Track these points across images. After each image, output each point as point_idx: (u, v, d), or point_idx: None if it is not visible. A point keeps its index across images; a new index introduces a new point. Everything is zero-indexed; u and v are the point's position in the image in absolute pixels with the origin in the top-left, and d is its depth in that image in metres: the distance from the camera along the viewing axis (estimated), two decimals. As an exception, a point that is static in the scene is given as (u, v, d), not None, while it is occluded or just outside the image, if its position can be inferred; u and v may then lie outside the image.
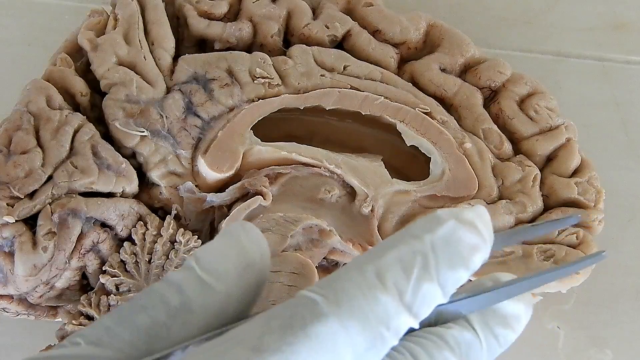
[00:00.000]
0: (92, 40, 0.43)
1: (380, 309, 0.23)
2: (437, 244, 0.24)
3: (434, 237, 0.24)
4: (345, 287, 0.23)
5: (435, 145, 0.44)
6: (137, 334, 0.24)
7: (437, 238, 0.24)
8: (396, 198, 0.42)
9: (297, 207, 0.41)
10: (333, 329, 0.22)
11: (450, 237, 0.24)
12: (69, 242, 0.38)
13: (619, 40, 0.56)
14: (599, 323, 0.46)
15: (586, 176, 0.44)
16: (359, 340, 0.23)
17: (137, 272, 0.39)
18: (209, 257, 0.25)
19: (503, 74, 0.46)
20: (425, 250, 0.23)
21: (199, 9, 0.45)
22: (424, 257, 0.23)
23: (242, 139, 0.42)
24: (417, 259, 0.23)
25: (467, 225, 0.24)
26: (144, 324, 0.24)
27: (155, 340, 0.24)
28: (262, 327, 0.23)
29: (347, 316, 0.23)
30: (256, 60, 0.44)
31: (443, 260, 0.23)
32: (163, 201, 0.42)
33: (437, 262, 0.23)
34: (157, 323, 0.24)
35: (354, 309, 0.23)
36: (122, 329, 0.24)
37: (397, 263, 0.23)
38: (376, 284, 0.23)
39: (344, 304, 0.23)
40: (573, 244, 0.41)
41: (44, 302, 0.40)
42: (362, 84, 0.45)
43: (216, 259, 0.25)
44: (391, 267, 0.23)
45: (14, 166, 0.38)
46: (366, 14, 0.47)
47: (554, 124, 0.45)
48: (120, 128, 0.41)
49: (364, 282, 0.23)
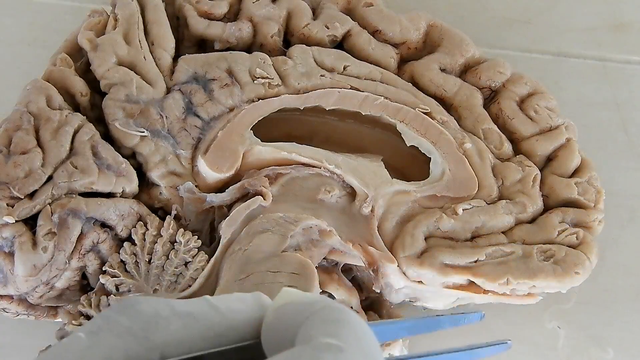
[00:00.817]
0: (92, 40, 0.43)
1: None
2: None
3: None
4: (359, 336, 0.24)
5: (435, 146, 0.44)
6: (136, 320, 0.24)
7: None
8: (396, 198, 0.42)
9: (297, 207, 0.41)
10: None
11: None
12: (69, 243, 0.38)
13: (619, 40, 0.56)
14: (599, 323, 0.46)
15: (586, 176, 0.44)
16: None
17: (137, 273, 0.39)
18: (224, 296, 0.26)
19: (503, 74, 0.46)
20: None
21: (199, 9, 0.45)
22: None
23: (242, 139, 0.42)
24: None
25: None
26: (144, 311, 0.24)
27: (153, 329, 0.24)
28: None
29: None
30: (256, 60, 0.44)
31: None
32: (163, 201, 0.42)
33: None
34: (159, 315, 0.24)
35: (377, 356, 0.24)
36: (123, 316, 0.24)
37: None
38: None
39: (368, 350, 0.23)
40: (573, 244, 0.41)
41: (44, 302, 0.40)
42: (362, 84, 0.45)
43: (230, 297, 0.26)
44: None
45: (14, 166, 0.38)
46: (366, 14, 0.47)
47: (554, 124, 0.45)
48: (120, 128, 0.41)
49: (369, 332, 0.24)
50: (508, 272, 0.40)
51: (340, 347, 0.23)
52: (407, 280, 0.41)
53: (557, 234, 0.42)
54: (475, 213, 0.42)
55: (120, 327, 0.23)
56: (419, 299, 0.43)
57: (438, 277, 0.40)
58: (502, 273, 0.40)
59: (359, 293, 0.42)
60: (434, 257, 0.40)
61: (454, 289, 0.41)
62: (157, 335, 0.24)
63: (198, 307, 0.25)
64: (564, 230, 0.42)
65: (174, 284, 0.39)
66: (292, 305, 0.26)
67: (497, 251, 0.41)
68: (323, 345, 0.23)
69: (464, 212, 0.42)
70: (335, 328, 0.24)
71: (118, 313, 0.24)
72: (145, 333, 0.23)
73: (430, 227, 0.41)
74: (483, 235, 0.42)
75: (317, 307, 0.25)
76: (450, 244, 0.41)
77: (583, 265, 0.41)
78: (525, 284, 0.40)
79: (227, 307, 0.25)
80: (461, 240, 0.42)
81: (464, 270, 0.40)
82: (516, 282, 0.40)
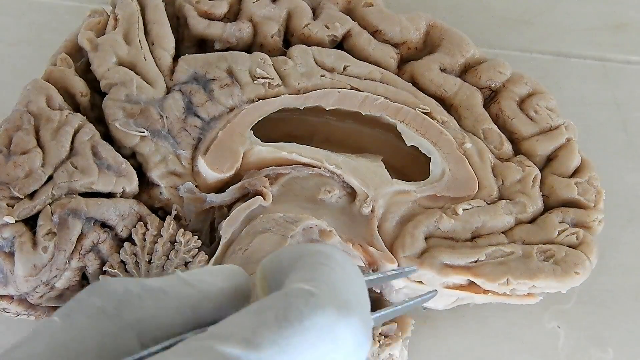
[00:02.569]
0: (92, 40, 0.43)
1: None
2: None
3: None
4: (333, 279, 0.23)
5: (436, 146, 0.44)
6: (108, 299, 0.23)
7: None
8: (396, 198, 0.42)
9: (297, 208, 0.41)
10: (332, 319, 0.22)
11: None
12: (69, 243, 0.38)
13: (619, 40, 0.56)
14: (599, 323, 0.46)
15: (586, 176, 0.44)
16: (359, 328, 0.23)
17: (137, 273, 0.39)
18: (194, 271, 0.26)
19: (503, 74, 0.46)
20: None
21: (199, 9, 0.45)
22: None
23: (243, 139, 0.42)
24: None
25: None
26: (115, 290, 0.24)
27: (125, 306, 0.23)
28: (254, 320, 0.22)
29: (344, 306, 0.23)
30: (256, 60, 0.44)
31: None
32: (163, 201, 0.42)
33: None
34: (130, 292, 0.24)
35: (351, 299, 0.23)
36: (94, 297, 0.23)
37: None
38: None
39: (340, 294, 0.23)
40: (573, 244, 0.41)
41: (44, 302, 0.40)
42: (362, 84, 0.45)
43: (200, 271, 0.26)
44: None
45: (14, 166, 0.38)
46: (366, 14, 0.47)
47: (554, 124, 0.45)
48: (120, 128, 0.41)
49: (351, 276, 0.24)
50: (508, 272, 0.40)
51: (311, 291, 0.23)
52: (407, 280, 0.41)
53: (557, 234, 0.42)
54: (475, 213, 0.42)
55: (92, 308, 0.23)
56: (419, 299, 0.43)
57: (438, 277, 0.40)
58: (502, 273, 0.40)
59: (359, 293, 0.42)
60: (433, 257, 0.40)
61: (454, 289, 0.41)
62: (130, 312, 0.23)
63: (169, 282, 0.24)
64: (564, 230, 0.42)
65: (174, 284, 0.39)
66: (286, 252, 0.26)
67: (497, 251, 0.41)
68: (295, 290, 0.23)
69: (464, 212, 0.42)
70: (312, 273, 0.24)
71: (89, 294, 0.24)
72: (117, 311, 0.23)
73: (430, 227, 0.41)
74: (483, 236, 0.42)
75: (306, 252, 0.25)
76: (450, 244, 0.41)
77: (583, 265, 0.41)
78: (525, 284, 0.40)
79: (199, 279, 0.25)
80: (461, 240, 0.42)
81: (464, 271, 0.40)
82: (516, 282, 0.40)
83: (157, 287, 0.24)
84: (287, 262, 0.25)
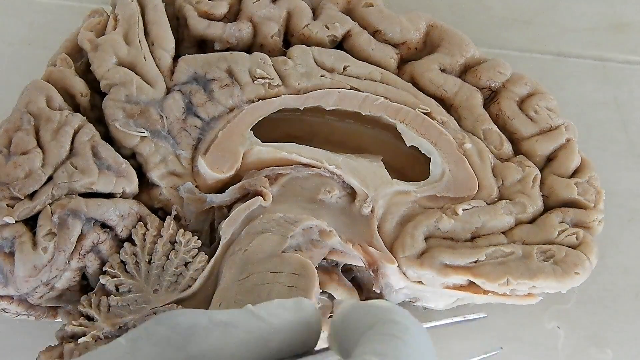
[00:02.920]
0: (92, 41, 0.43)
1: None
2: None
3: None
4: (405, 356, 0.24)
5: (435, 146, 0.44)
6: (175, 330, 0.24)
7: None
8: (396, 198, 0.42)
9: (297, 208, 0.41)
10: None
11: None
12: (69, 243, 0.38)
13: (619, 40, 0.56)
14: (599, 323, 0.46)
15: (586, 176, 0.44)
16: None
17: (137, 273, 0.39)
18: (265, 304, 0.26)
19: (503, 74, 0.46)
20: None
21: (199, 10, 0.45)
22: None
23: (242, 140, 0.42)
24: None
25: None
26: (183, 322, 0.24)
27: (191, 338, 0.24)
28: None
29: None
30: (256, 60, 0.44)
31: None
32: (163, 202, 0.42)
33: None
34: (199, 325, 0.24)
35: None
36: (162, 326, 0.24)
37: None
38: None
39: None
40: (573, 245, 0.41)
41: (44, 302, 0.40)
42: (362, 85, 0.45)
43: (273, 304, 0.26)
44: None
45: (14, 167, 0.38)
46: (366, 14, 0.47)
47: (554, 124, 0.45)
48: (120, 128, 0.41)
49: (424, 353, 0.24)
50: (508, 272, 0.40)
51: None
52: (407, 281, 0.41)
53: (557, 234, 0.42)
54: (475, 213, 0.42)
55: (159, 337, 0.24)
56: (419, 299, 0.43)
57: (438, 278, 0.40)
58: (502, 273, 0.40)
59: (359, 293, 0.42)
60: (433, 257, 0.40)
61: (453, 289, 0.41)
62: (195, 345, 0.24)
63: (238, 315, 0.25)
64: (564, 231, 0.42)
65: (174, 284, 0.39)
66: (358, 313, 0.26)
67: (497, 251, 0.41)
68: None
69: (464, 213, 0.42)
70: (386, 347, 0.24)
71: (157, 323, 0.24)
72: (183, 343, 0.24)
73: (430, 227, 0.41)
74: (483, 236, 0.42)
75: (380, 320, 0.25)
76: (450, 245, 0.41)
77: (583, 265, 0.41)
78: (525, 284, 0.40)
79: (270, 313, 0.25)
80: (461, 240, 0.42)
81: (464, 271, 0.40)
82: (516, 282, 0.40)
83: (226, 321, 0.24)
84: (358, 325, 0.25)
